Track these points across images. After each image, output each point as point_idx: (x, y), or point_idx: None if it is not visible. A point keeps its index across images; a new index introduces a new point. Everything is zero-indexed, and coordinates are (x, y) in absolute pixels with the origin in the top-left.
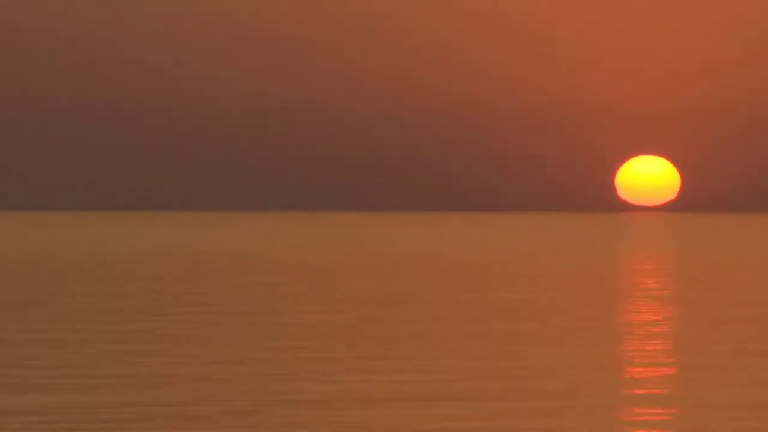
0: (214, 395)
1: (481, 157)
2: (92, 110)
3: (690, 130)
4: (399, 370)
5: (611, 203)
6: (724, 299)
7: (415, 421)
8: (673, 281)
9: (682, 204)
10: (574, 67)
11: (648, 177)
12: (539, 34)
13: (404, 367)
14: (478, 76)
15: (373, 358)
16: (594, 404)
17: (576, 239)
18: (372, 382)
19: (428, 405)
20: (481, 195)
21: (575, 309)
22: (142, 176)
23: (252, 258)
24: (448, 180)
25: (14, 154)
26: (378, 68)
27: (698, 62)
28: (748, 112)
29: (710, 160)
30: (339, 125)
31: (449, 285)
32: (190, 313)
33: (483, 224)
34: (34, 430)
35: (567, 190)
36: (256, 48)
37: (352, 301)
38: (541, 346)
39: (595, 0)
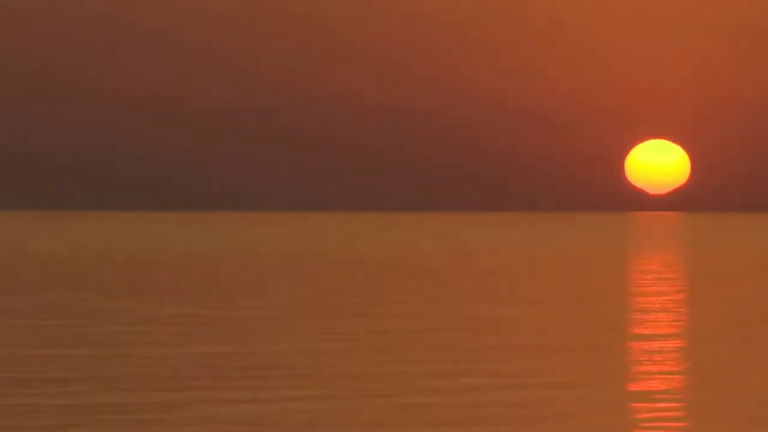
0: None
1: (481, 155)
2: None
3: (693, 112)
4: None
5: (623, 192)
6: None
7: None
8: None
9: (694, 186)
10: (574, 59)
11: (657, 162)
12: (542, 24)
13: None
14: (479, 69)
15: None
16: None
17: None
18: None
19: None
20: (482, 195)
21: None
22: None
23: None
24: (450, 178)
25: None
26: (380, 60)
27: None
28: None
29: (717, 142)
30: (344, 115)
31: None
32: None
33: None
34: None
35: (576, 186)
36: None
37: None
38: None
39: None
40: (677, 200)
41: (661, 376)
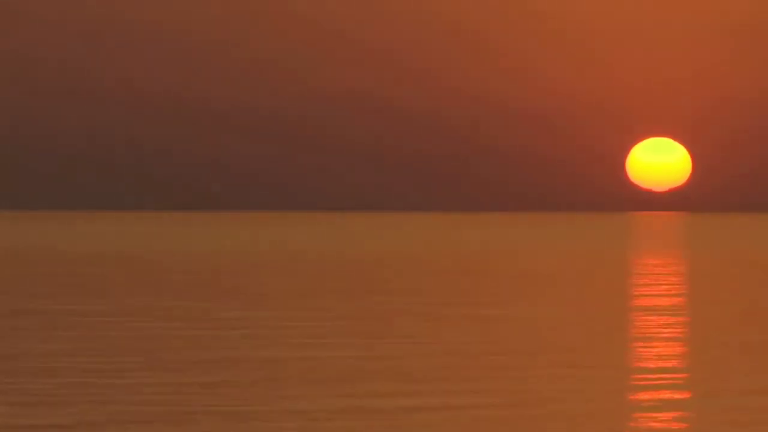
0: None
1: (481, 155)
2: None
3: (694, 112)
4: None
5: (624, 191)
6: None
7: None
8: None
9: (695, 184)
10: (573, 58)
11: (659, 161)
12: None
13: None
14: (480, 71)
15: None
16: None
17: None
18: None
19: None
20: (482, 195)
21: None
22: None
23: None
24: (456, 179)
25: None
26: (381, 60)
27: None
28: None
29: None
30: (348, 116)
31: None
32: None
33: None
34: None
35: (576, 185)
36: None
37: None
38: None
39: None
40: (678, 199)
41: (661, 376)
